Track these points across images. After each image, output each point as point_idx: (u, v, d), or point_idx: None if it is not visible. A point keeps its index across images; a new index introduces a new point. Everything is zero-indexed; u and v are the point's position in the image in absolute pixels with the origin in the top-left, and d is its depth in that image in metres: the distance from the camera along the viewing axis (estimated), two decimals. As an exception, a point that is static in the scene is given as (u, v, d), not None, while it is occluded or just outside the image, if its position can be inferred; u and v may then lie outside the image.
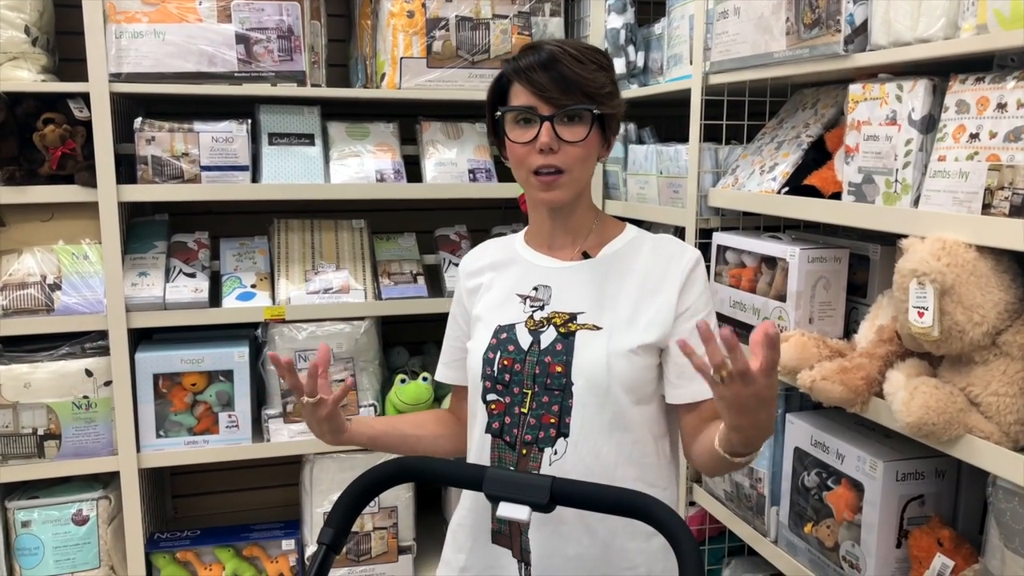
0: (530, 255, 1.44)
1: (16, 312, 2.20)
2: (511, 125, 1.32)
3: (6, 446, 2.23)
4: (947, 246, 1.27)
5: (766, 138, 1.99)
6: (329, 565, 1.23)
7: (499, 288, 1.43)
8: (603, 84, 1.30)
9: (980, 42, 1.27)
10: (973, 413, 1.29)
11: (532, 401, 1.32)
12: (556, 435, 1.31)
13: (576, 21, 2.68)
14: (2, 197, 2.18)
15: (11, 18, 2.16)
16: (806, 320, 1.71)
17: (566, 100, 1.27)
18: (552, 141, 1.27)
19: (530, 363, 1.33)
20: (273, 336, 2.41)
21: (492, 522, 1.38)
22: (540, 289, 1.39)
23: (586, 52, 1.30)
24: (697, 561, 1.05)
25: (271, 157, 2.40)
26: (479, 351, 1.38)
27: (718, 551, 2.26)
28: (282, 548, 2.52)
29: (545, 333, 1.34)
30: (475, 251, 1.53)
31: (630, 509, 1.15)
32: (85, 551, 2.31)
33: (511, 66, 1.32)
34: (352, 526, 1.28)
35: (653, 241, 1.41)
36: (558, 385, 1.31)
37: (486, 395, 1.37)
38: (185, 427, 2.38)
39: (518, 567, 1.36)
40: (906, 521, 1.54)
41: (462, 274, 1.52)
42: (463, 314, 1.50)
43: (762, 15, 1.77)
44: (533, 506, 1.16)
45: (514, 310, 1.39)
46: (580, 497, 1.18)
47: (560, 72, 1.27)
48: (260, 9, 2.28)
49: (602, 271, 1.37)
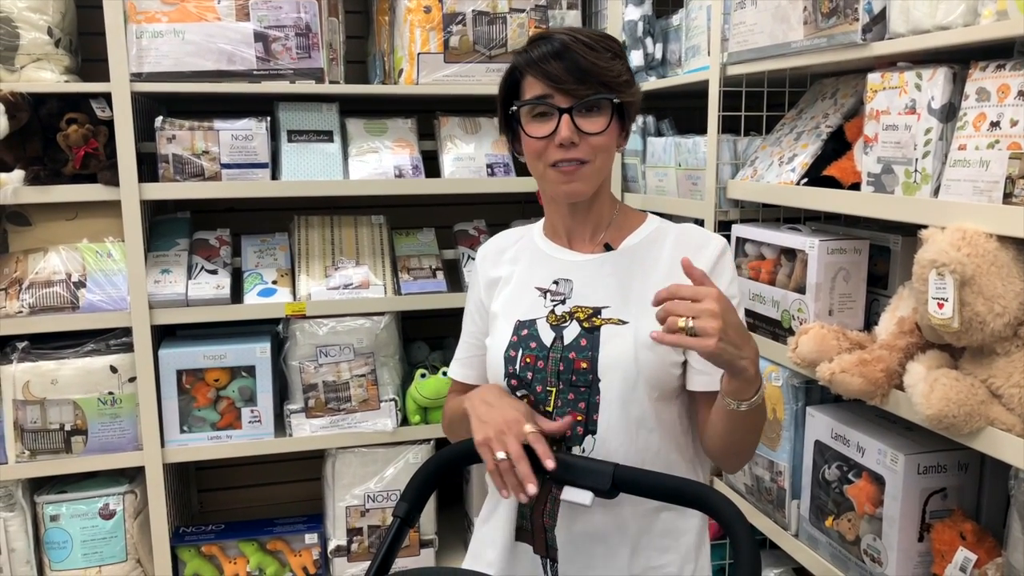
0: (549, 248, 1.39)
1: (42, 310, 2.24)
2: (527, 119, 1.27)
3: (34, 441, 2.27)
4: (967, 236, 1.26)
5: (785, 129, 1.98)
6: (402, 538, 1.26)
7: (518, 282, 1.39)
8: (619, 72, 1.26)
9: (1000, 28, 1.25)
10: (995, 405, 1.27)
11: (557, 399, 1.29)
12: (584, 433, 1.28)
13: (593, 14, 2.67)
14: (27, 197, 2.22)
15: (34, 20, 2.19)
16: (826, 312, 1.70)
17: (584, 90, 1.23)
18: (573, 135, 1.23)
19: (553, 359, 1.29)
20: (294, 332, 2.43)
21: (517, 519, 1.35)
22: (561, 283, 1.34)
23: (599, 40, 1.26)
24: (753, 553, 1.06)
25: (290, 154, 2.41)
26: (500, 349, 1.34)
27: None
28: (305, 542, 2.54)
29: (568, 328, 1.30)
30: (492, 243, 1.48)
31: (690, 498, 1.16)
32: (112, 545, 2.34)
33: (523, 58, 1.27)
34: (426, 502, 1.31)
35: (676, 231, 1.36)
36: (584, 382, 1.27)
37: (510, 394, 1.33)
38: (208, 422, 2.40)
39: (543, 564, 1.33)
40: (928, 514, 1.52)
41: (479, 267, 1.46)
42: (479, 309, 1.45)
43: (779, 5, 1.75)
44: (596, 491, 1.17)
45: (534, 305, 1.34)
46: (641, 484, 1.19)
47: (575, 61, 1.22)
48: (278, 7, 2.29)
49: (625, 263, 1.33)
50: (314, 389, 2.44)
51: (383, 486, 2.50)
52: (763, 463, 1.91)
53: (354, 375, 2.46)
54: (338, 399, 2.46)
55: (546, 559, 1.33)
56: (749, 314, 1.92)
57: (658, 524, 1.31)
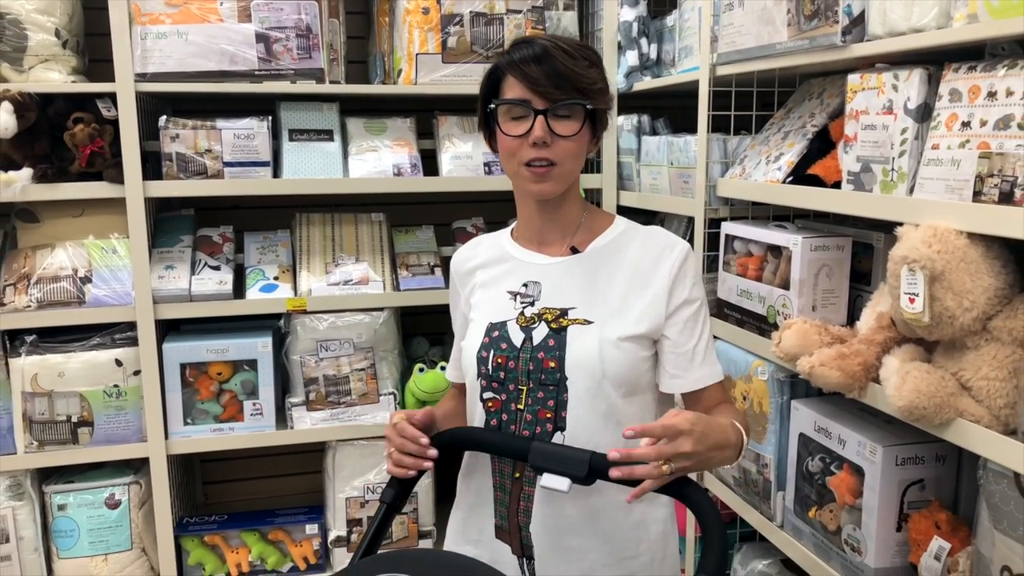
0: (519, 252, 1.45)
1: (50, 304, 2.30)
2: (504, 118, 1.33)
3: (43, 432, 2.33)
4: (938, 233, 1.29)
5: (774, 128, 2.01)
6: (389, 523, 1.35)
7: (490, 287, 1.45)
8: (595, 80, 1.32)
9: (970, 31, 1.28)
10: (964, 397, 1.31)
11: (527, 397, 1.34)
12: (553, 429, 1.33)
13: (590, 15, 2.71)
14: (35, 194, 2.28)
15: (42, 22, 2.24)
16: (809, 307, 1.74)
17: (559, 95, 1.29)
18: (546, 135, 1.29)
19: (523, 360, 1.34)
20: (295, 327, 2.48)
21: (495, 517, 1.41)
22: (530, 285, 1.40)
23: (577, 48, 1.32)
24: (722, 542, 1.11)
25: (291, 153, 2.46)
26: (472, 350, 1.40)
27: (730, 537, 2.29)
28: (306, 532, 2.59)
29: (537, 329, 1.36)
30: (464, 251, 1.53)
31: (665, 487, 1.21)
32: (118, 534, 2.40)
33: (504, 59, 1.33)
34: (411, 489, 1.39)
35: (643, 233, 1.42)
36: (552, 380, 1.33)
37: (483, 393, 1.39)
38: (211, 415, 2.46)
39: (518, 563, 1.39)
40: (906, 505, 1.56)
41: (455, 276, 1.53)
42: (461, 316, 1.51)
43: (765, 7, 1.79)
44: (573, 478, 1.23)
45: (505, 307, 1.40)
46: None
47: (553, 66, 1.28)
48: (279, 9, 2.34)
49: (592, 265, 1.39)
50: (315, 383, 2.49)
51: (382, 478, 2.55)
52: (750, 456, 1.95)
53: (354, 369, 2.51)
54: (338, 392, 2.51)
55: (523, 558, 1.38)
56: (736, 309, 1.96)
57: (629, 516, 1.36)
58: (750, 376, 1.93)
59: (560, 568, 1.36)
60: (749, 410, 1.93)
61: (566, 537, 1.35)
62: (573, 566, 1.35)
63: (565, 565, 1.35)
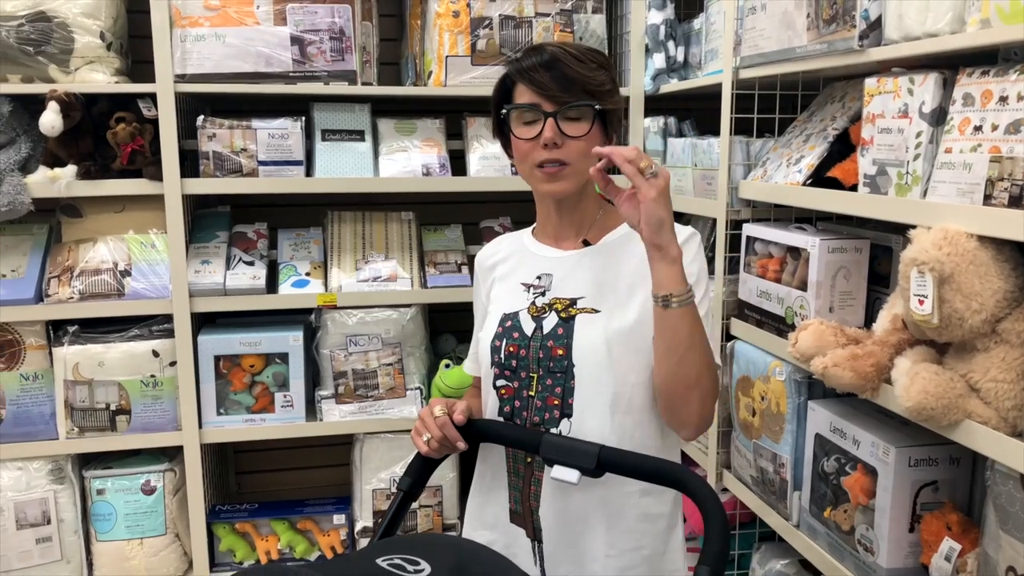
0: (536, 247, 1.51)
1: (91, 296, 2.39)
2: (516, 123, 1.39)
3: (83, 419, 2.42)
4: (949, 236, 1.31)
5: (796, 131, 2.03)
6: (405, 510, 1.41)
7: (507, 279, 1.51)
8: (603, 82, 1.37)
9: (982, 36, 1.30)
10: (972, 399, 1.32)
11: (538, 384, 1.39)
12: (560, 416, 1.38)
13: (617, 18, 2.74)
14: (79, 190, 2.37)
15: (88, 25, 2.33)
16: (826, 309, 1.75)
17: (568, 97, 1.34)
18: (556, 136, 1.34)
19: (534, 348, 1.40)
20: (326, 322, 2.55)
21: (510, 502, 1.46)
22: (543, 277, 1.46)
23: (586, 52, 1.37)
24: (723, 534, 1.14)
25: (324, 152, 2.53)
26: (487, 339, 1.45)
27: (749, 536, 2.30)
28: (333, 522, 2.66)
29: (547, 319, 1.41)
30: (487, 248, 1.60)
31: (668, 478, 1.25)
32: (152, 519, 2.49)
33: (515, 67, 1.39)
34: (428, 479, 1.45)
35: None
36: (560, 368, 1.38)
37: (496, 381, 1.44)
38: (244, 406, 2.53)
39: (531, 546, 1.44)
40: (919, 506, 1.57)
41: (478, 272, 1.59)
42: (481, 310, 1.57)
43: (786, 11, 1.81)
44: (582, 470, 1.27)
45: (518, 298, 1.46)
46: (623, 465, 1.29)
47: (561, 71, 1.33)
48: (313, 12, 2.41)
49: (602, 258, 1.43)
50: (344, 376, 2.56)
51: (408, 471, 2.60)
52: (767, 455, 1.97)
53: (382, 364, 2.57)
54: (366, 386, 2.57)
55: (535, 541, 1.43)
56: (755, 310, 1.98)
57: (635, 508, 1.40)
58: (768, 376, 1.94)
59: (566, 552, 1.40)
60: (767, 410, 1.95)
61: (573, 524, 1.39)
62: (578, 552, 1.40)
63: (571, 550, 1.40)
